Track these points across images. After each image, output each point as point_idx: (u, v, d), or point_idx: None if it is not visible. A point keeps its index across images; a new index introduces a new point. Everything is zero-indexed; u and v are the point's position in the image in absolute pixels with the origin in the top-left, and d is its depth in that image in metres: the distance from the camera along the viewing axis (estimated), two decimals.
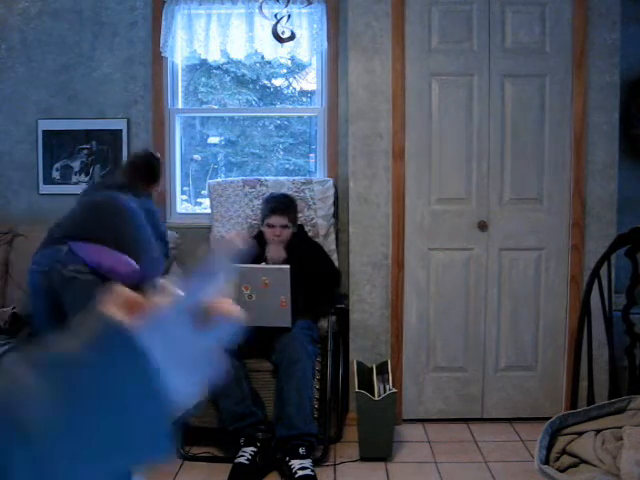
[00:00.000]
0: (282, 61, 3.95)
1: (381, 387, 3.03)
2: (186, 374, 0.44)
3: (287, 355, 2.87)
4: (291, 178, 3.63)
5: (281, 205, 3.19)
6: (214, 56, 3.66)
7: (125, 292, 0.46)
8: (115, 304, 0.45)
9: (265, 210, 3.23)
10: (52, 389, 0.38)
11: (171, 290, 0.46)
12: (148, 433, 0.41)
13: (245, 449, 2.79)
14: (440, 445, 3.08)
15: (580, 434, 1.87)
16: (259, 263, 3.09)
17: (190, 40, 3.60)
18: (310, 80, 3.97)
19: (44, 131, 3.73)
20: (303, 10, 3.54)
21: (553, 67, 3.21)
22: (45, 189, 3.76)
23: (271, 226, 3.14)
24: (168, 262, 3.13)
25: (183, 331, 0.44)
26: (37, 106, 3.72)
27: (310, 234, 3.43)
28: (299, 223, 3.38)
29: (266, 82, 4.13)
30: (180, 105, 3.83)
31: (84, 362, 0.40)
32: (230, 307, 0.48)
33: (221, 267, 0.48)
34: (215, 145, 4.13)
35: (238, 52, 3.61)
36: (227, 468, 2.76)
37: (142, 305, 0.45)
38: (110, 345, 0.41)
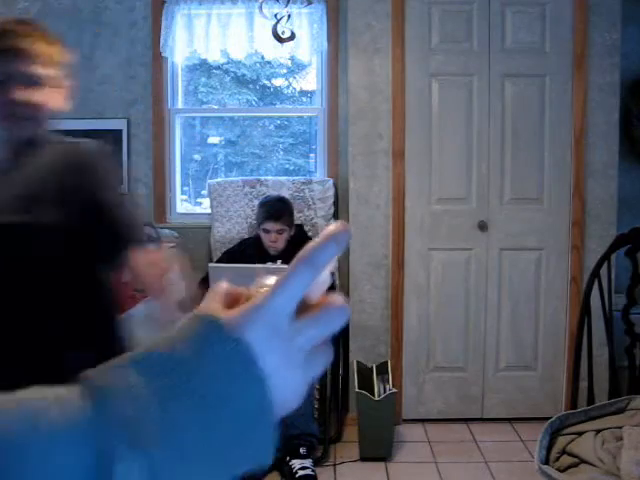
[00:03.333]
0: (282, 61, 3.95)
1: (381, 387, 3.03)
2: (295, 373, 0.41)
3: None
4: (291, 178, 3.63)
5: (275, 211, 3.17)
6: (214, 56, 3.66)
7: (224, 287, 0.43)
8: (215, 300, 0.41)
9: (260, 215, 3.23)
10: (157, 394, 0.36)
11: (271, 283, 0.41)
12: (254, 440, 0.39)
13: None
14: (440, 445, 3.08)
15: (580, 434, 1.87)
16: (259, 263, 3.09)
17: (190, 40, 3.60)
18: (310, 80, 3.97)
19: None
20: (303, 10, 3.53)
21: (553, 67, 3.21)
22: None
23: (267, 231, 3.14)
24: None
25: (289, 327, 0.40)
26: None
27: (310, 234, 3.43)
28: (299, 223, 3.38)
29: (266, 82, 4.13)
30: (180, 105, 3.83)
31: (187, 364, 0.37)
32: (335, 297, 0.42)
33: (325, 256, 0.41)
34: (215, 145, 4.13)
35: (238, 52, 3.61)
36: None
37: (244, 300, 0.41)
38: (213, 346, 0.37)
